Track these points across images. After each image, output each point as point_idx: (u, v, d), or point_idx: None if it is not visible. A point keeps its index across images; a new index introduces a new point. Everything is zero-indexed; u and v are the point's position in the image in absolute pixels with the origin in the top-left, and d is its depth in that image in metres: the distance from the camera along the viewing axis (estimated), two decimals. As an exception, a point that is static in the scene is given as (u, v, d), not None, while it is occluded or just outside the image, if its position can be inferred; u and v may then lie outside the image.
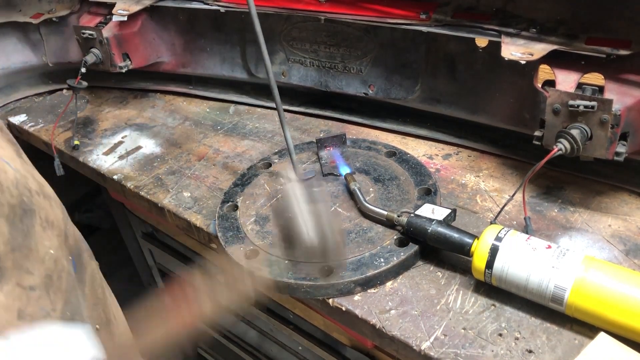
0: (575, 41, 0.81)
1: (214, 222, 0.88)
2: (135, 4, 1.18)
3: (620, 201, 0.83)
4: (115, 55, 1.17)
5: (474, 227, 0.81)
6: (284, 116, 0.88)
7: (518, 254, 0.66)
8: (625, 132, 0.75)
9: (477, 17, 0.92)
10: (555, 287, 0.63)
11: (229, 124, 1.19)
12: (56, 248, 0.59)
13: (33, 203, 0.57)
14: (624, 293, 0.61)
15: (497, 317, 0.68)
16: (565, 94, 0.74)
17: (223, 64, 1.23)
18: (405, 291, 0.73)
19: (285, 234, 0.63)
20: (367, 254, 0.76)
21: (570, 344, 0.64)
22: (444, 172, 0.94)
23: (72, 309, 0.60)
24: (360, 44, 1.05)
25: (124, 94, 1.35)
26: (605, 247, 0.76)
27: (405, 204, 0.83)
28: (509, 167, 0.93)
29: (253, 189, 0.91)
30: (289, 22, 1.11)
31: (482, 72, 0.93)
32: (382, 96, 1.06)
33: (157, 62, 1.26)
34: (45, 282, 0.56)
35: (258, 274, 0.75)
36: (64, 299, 0.58)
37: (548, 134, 0.78)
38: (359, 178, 0.89)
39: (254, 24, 0.84)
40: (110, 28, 1.16)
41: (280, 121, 0.88)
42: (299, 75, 1.14)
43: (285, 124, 0.88)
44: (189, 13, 1.20)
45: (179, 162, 1.08)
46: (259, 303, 1.14)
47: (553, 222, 0.81)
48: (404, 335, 0.67)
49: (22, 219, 0.54)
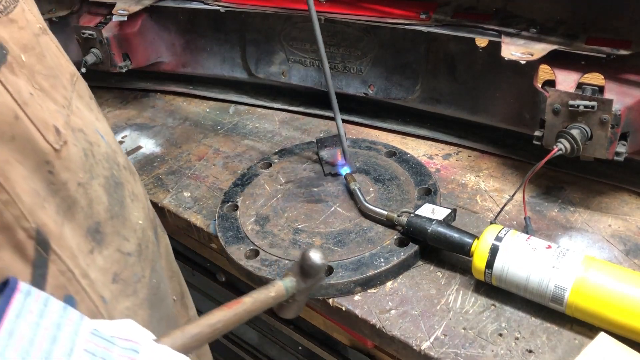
0: (575, 41, 0.81)
1: (214, 222, 0.88)
2: (135, 4, 1.18)
3: (620, 201, 0.83)
4: (115, 55, 1.17)
5: (474, 227, 0.81)
6: (341, 124, 0.90)
7: (518, 254, 0.66)
8: (625, 132, 0.75)
9: (477, 17, 0.92)
10: (556, 287, 0.63)
11: (229, 124, 1.19)
12: (143, 219, 0.62)
13: (122, 176, 0.59)
14: (624, 293, 0.61)
15: (497, 317, 0.68)
16: (565, 94, 0.74)
17: (223, 64, 1.23)
18: (405, 291, 0.73)
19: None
20: (367, 254, 0.76)
21: (570, 344, 0.64)
22: (444, 172, 0.94)
23: (157, 277, 0.63)
24: (360, 44, 1.05)
25: (124, 94, 1.35)
26: (605, 247, 0.76)
27: (405, 204, 0.83)
28: (509, 167, 0.93)
29: (253, 189, 0.91)
30: (289, 22, 1.11)
31: (482, 72, 0.93)
32: (382, 96, 1.06)
33: (157, 62, 1.26)
34: (137, 249, 0.58)
35: (258, 274, 0.75)
36: (151, 267, 0.61)
37: (548, 134, 0.78)
38: (359, 178, 0.89)
39: (315, 29, 0.84)
40: (110, 28, 1.16)
41: (338, 128, 0.90)
42: (299, 75, 1.14)
43: (341, 127, 0.90)
44: (189, 13, 1.20)
45: (179, 162, 1.08)
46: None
47: (553, 222, 0.81)
48: (404, 335, 0.67)
49: (116, 189, 0.56)
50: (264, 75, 1.18)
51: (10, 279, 0.38)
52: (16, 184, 0.42)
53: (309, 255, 0.60)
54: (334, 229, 0.80)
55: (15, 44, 0.46)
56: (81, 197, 0.50)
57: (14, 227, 0.42)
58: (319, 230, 0.81)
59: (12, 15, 0.46)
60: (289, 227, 0.82)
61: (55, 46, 0.54)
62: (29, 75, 0.46)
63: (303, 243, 0.79)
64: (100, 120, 0.60)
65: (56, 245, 0.46)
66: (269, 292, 0.59)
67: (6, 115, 0.42)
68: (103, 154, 0.55)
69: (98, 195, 0.52)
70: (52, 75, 0.50)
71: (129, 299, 0.55)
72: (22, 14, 0.48)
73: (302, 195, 0.88)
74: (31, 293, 0.38)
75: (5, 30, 0.45)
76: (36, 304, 0.38)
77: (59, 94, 0.50)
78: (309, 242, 0.79)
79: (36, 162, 0.45)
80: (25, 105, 0.44)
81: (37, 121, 0.45)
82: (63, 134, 0.48)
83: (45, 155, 0.46)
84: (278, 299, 0.60)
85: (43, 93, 0.48)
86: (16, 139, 0.43)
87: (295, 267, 0.61)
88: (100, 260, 0.52)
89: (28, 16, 0.49)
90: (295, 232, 0.81)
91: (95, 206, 0.52)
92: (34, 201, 0.44)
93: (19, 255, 0.43)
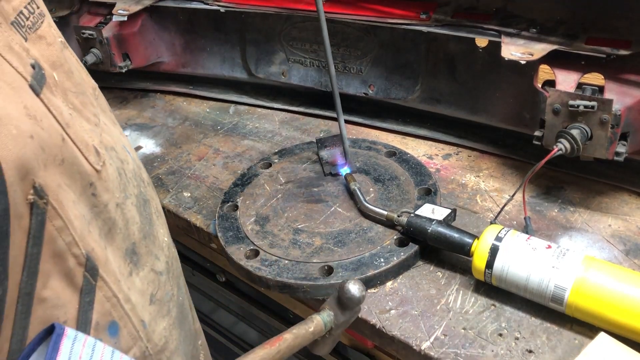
0: (575, 41, 0.81)
1: (214, 222, 0.88)
2: (135, 4, 1.18)
3: (620, 201, 0.83)
4: (115, 55, 1.17)
5: (474, 227, 0.81)
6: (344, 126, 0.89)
7: (518, 254, 0.66)
8: (625, 132, 0.75)
9: (477, 17, 0.92)
10: (556, 287, 0.63)
11: (229, 124, 1.19)
12: (167, 235, 0.61)
13: (147, 193, 0.58)
14: (624, 293, 0.61)
15: (497, 317, 0.68)
16: (565, 94, 0.74)
17: (223, 64, 1.23)
18: (405, 291, 0.73)
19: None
20: (367, 254, 0.76)
21: (570, 344, 0.64)
22: (444, 172, 0.94)
23: (182, 295, 0.62)
24: (360, 44, 1.05)
25: (124, 94, 1.35)
26: (605, 247, 0.76)
27: (405, 204, 0.83)
28: (509, 167, 0.93)
29: (253, 189, 0.91)
30: (289, 22, 1.11)
31: (482, 72, 0.93)
32: (382, 96, 1.06)
33: (157, 62, 1.26)
34: (167, 267, 0.58)
35: (258, 274, 0.75)
36: (178, 284, 0.60)
37: (548, 134, 0.78)
38: (359, 178, 0.89)
39: (322, 30, 0.83)
40: (110, 28, 1.16)
41: (340, 129, 0.89)
42: (299, 75, 1.14)
43: (343, 128, 0.89)
44: (189, 13, 1.20)
45: (179, 162, 1.08)
46: (263, 306, 1.14)
47: (553, 222, 0.81)
48: (404, 335, 0.67)
49: (145, 207, 0.55)
50: (264, 75, 1.18)
51: (55, 325, 0.38)
52: (68, 209, 0.41)
53: (348, 287, 0.58)
54: (334, 229, 0.80)
55: (46, 62, 0.44)
56: (119, 218, 0.49)
57: (65, 254, 0.41)
58: (319, 230, 0.81)
59: (40, 32, 0.45)
60: (289, 227, 0.82)
61: (75, 60, 0.53)
62: (62, 94, 0.45)
63: (303, 243, 0.79)
64: (123, 135, 0.59)
65: (103, 270, 0.45)
66: (307, 327, 0.58)
67: (55, 138, 0.41)
68: (132, 171, 0.54)
69: (132, 215, 0.51)
70: (81, 92, 0.49)
71: (164, 319, 0.55)
72: (49, 30, 0.46)
73: (302, 195, 0.88)
74: (77, 338, 0.38)
75: (36, 47, 0.43)
76: (84, 349, 0.37)
77: (89, 111, 0.49)
78: (309, 242, 0.79)
79: (82, 185, 0.44)
80: (68, 126, 0.43)
81: (79, 142, 0.44)
82: (102, 154, 0.47)
83: (89, 177, 0.44)
84: (317, 334, 0.59)
85: (77, 112, 0.47)
86: (65, 163, 0.41)
87: (332, 299, 0.60)
88: (138, 282, 0.51)
89: (54, 31, 0.47)
90: (295, 232, 0.81)
91: (130, 227, 0.51)
92: (83, 226, 0.43)
93: (67, 283, 0.42)
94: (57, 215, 0.40)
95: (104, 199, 0.46)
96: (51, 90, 0.43)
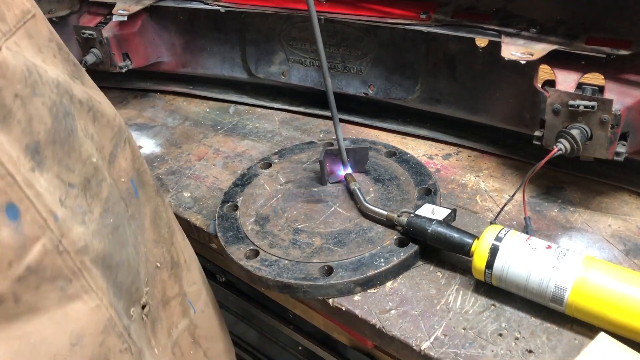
0: (575, 41, 0.81)
1: (214, 222, 0.88)
2: (135, 4, 1.18)
3: (620, 201, 0.83)
4: (115, 55, 1.17)
5: (474, 227, 0.81)
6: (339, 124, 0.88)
7: (518, 254, 0.66)
8: (625, 132, 0.75)
9: (477, 17, 0.92)
10: (556, 287, 0.63)
11: (229, 124, 1.19)
12: (98, 159, 0.59)
13: (74, 109, 0.57)
14: (624, 293, 0.61)
15: (497, 317, 0.68)
16: (565, 94, 0.74)
17: (223, 64, 1.23)
18: (405, 291, 0.73)
19: None
20: (367, 254, 0.76)
21: (570, 344, 0.64)
22: (444, 172, 0.94)
23: (115, 222, 0.60)
24: (360, 44, 1.05)
25: (124, 94, 1.35)
26: (605, 247, 0.76)
27: (405, 204, 0.83)
28: (509, 167, 0.93)
29: (253, 189, 0.91)
30: (289, 22, 1.11)
31: (482, 72, 0.93)
32: (382, 96, 1.06)
33: (157, 62, 1.26)
34: (84, 184, 0.56)
35: (258, 274, 0.75)
36: (103, 207, 0.58)
37: (548, 134, 0.78)
38: (359, 178, 0.89)
39: (315, 31, 0.82)
40: (110, 28, 1.16)
41: (335, 125, 0.87)
42: (299, 75, 1.14)
43: (338, 126, 0.87)
44: (189, 13, 1.20)
45: (179, 162, 1.08)
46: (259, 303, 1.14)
47: (553, 222, 0.81)
48: (404, 335, 0.67)
49: (65, 117, 0.54)
50: (264, 75, 1.18)
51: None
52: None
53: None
54: (334, 229, 0.80)
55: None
56: (18, 110, 0.48)
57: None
58: (319, 230, 0.81)
59: None
60: (289, 227, 0.82)
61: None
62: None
63: (303, 243, 0.79)
64: (51, 65, 0.58)
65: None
66: None
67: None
68: (53, 79, 0.53)
69: (40, 115, 0.50)
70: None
71: (81, 226, 0.53)
72: None
73: (302, 195, 0.88)
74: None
75: None
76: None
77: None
78: (309, 242, 0.79)
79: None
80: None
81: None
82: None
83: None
84: None
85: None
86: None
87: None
88: (43, 182, 0.50)
89: None
90: (295, 232, 0.81)
91: (35, 124, 0.49)
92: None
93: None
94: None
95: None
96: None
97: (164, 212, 0.75)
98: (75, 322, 0.51)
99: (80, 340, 0.51)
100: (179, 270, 0.77)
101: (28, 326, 0.48)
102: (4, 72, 0.46)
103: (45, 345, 0.49)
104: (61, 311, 0.50)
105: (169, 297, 0.73)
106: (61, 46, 0.60)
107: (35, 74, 0.50)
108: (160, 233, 0.73)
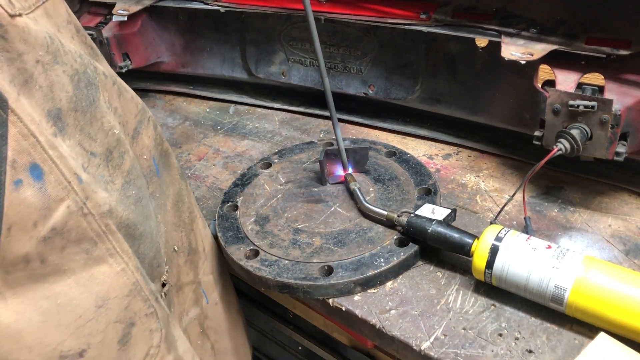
0: (575, 41, 0.81)
1: (214, 222, 0.88)
2: (135, 4, 1.18)
3: (620, 201, 0.83)
4: (115, 55, 1.17)
5: (474, 227, 0.81)
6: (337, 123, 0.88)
7: (518, 254, 0.66)
8: (625, 132, 0.75)
9: (477, 17, 0.92)
10: (556, 287, 0.63)
11: (229, 124, 1.19)
12: (121, 132, 0.59)
13: (99, 80, 0.57)
14: (624, 293, 0.61)
15: (497, 317, 0.68)
16: (565, 94, 0.74)
17: (223, 64, 1.23)
18: (405, 291, 0.73)
19: None
20: (367, 254, 0.76)
21: (570, 344, 0.64)
22: (444, 172, 0.94)
23: (138, 195, 0.60)
24: (360, 44, 1.05)
25: (124, 94, 1.35)
26: (605, 247, 0.76)
27: (405, 204, 0.83)
28: (509, 167, 0.93)
29: (253, 189, 0.91)
30: (289, 22, 1.11)
31: (482, 72, 0.93)
32: (382, 96, 1.06)
33: (157, 62, 1.26)
34: (105, 153, 0.56)
35: (258, 274, 0.75)
36: (125, 179, 0.58)
37: (548, 134, 0.78)
38: (359, 178, 0.89)
39: (311, 30, 0.82)
40: (110, 28, 1.16)
41: (334, 126, 0.87)
42: (299, 75, 1.14)
43: (337, 127, 0.87)
44: (189, 13, 1.20)
45: (179, 162, 1.07)
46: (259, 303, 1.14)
47: (553, 222, 0.81)
48: (404, 335, 0.67)
49: (87, 87, 0.54)
50: (264, 75, 1.18)
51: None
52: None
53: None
54: (334, 229, 0.80)
55: None
56: (40, 76, 0.48)
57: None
58: (319, 230, 0.81)
59: None
60: (289, 227, 0.82)
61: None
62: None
63: (303, 243, 0.79)
64: (72, 36, 0.58)
65: (16, 107, 0.44)
66: None
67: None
68: (75, 50, 0.54)
69: (62, 82, 0.50)
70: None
71: (105, 191, 0.53)
72: None
73: (302, 195, 0.88)
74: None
75: None
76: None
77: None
78: (309, 242, 0.79)
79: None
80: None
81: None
82: (17, 7, 0.46)
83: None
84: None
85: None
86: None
87: None
88: (65, 148, 0.50)
89: None
90: (295, 232, 0.81)
91: (56, 91, 0.50)
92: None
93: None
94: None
95: (17, 47, 0.46)
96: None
97: (186, 196, 0.74)
98: (101, 285, 0.51)
99: (105, 302, 0.52)
100: (196, 258, 0.76)
101: (55, 287, 0.48)
102: (26, 37, 0.47)
103: (71, 306, 0.49)
104: (87, 273, 0.50)
105: (182, 283, 0.73)
106: (79, 28, 0.60)
107: (57, 42, 0.50)
108: (181, 217, 0.73)
